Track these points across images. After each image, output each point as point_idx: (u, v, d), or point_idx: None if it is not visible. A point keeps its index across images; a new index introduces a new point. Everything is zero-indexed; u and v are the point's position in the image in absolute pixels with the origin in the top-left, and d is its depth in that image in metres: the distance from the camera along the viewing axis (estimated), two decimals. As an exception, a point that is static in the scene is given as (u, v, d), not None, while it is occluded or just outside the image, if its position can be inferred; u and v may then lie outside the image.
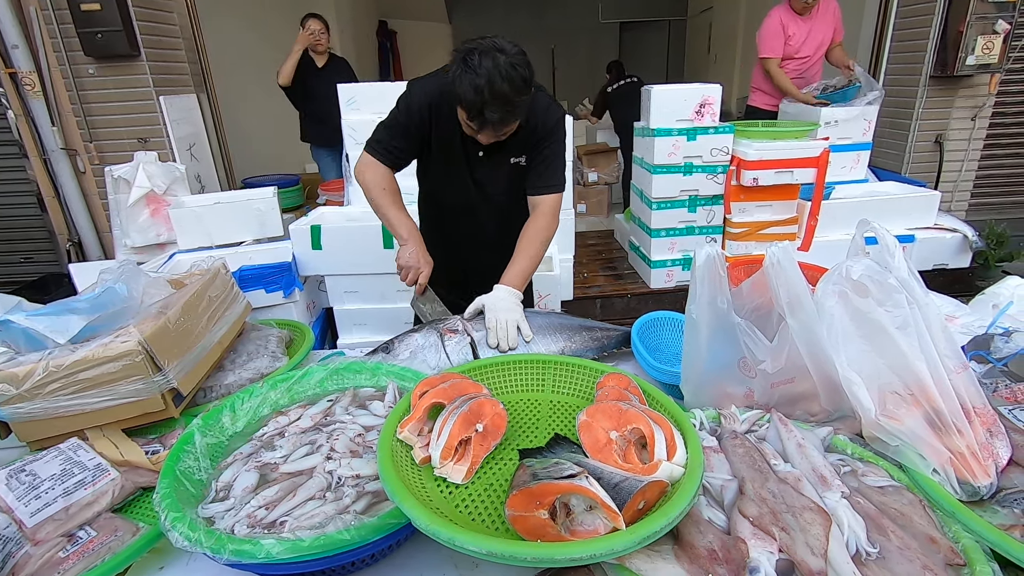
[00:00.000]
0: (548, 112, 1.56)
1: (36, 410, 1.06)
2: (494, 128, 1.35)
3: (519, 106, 1.32)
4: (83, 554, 0.86)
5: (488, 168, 1.60)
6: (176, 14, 3.71)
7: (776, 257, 0.97)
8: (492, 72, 1.26)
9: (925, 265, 3.29)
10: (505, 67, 1.27)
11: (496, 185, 1.63)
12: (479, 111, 1.30)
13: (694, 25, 9.21)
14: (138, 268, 1.36)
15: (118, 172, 3.04)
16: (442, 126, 1.54)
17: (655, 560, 0.72)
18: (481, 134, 1.41)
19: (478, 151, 1.57)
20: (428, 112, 1.52)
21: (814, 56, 3.71)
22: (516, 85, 1.28)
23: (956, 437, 0.85)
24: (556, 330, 1.47)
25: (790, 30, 3.61)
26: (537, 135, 1.56)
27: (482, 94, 1.26)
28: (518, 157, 1.59)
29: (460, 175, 1.62)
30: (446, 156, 1.60)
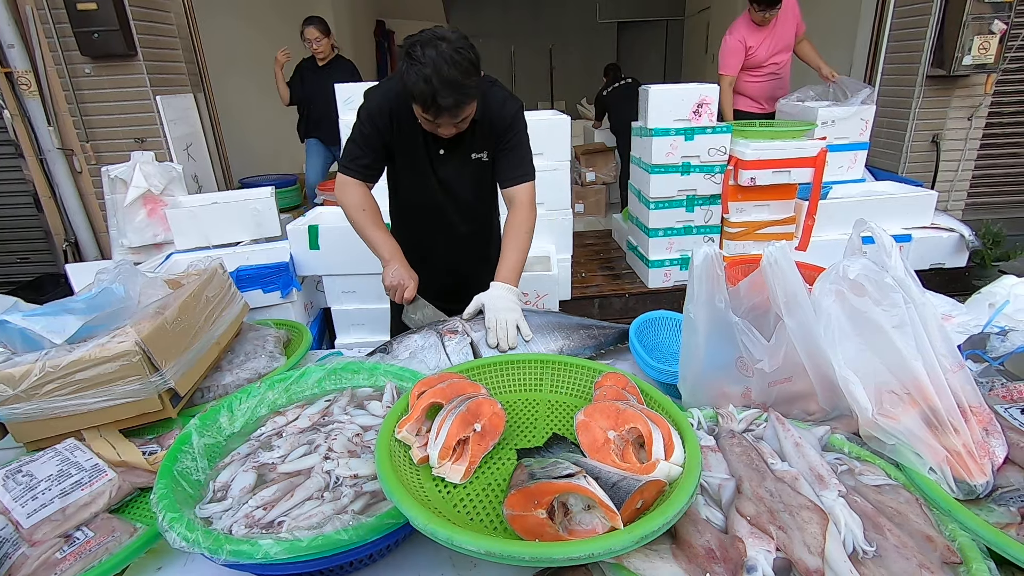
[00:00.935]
0: (505, 106, 1.56)
1: (33, 411, 1.06)
2: (450, 115, 1.34)
3: (470, 88, 1.32)
4: (80, 555, 0.86)
5: (451, 167, 1.61)
6: (173, 13, 3.70)
7: (773, 257, 0.97)
8: (437, 60, 1.27)
9: (922, 264, 3.30)
10: (449, 52, 1.28)
11: (460, 183, 1.64)
12: (432, 100, 1.29)
13: (691, 25, 9.22)
14: (135, 268, 1.35)
15: (115, 172, 3.03)
16: (403, 129, 1.55)
17: (653, 559, 0.72)
18: (440, 126, 1.41)
19: (439, 150, 1.57)
20: (388, 118, 1.53)
21: (783, 59, 3.75)
22: (463, 68, 1.29)
23: (952, 436, 0.86)
24: (554, 329, 1.48)
25: (751, 43, 3.65)
26: (497, 129, 1.57)
27: (431, 83, 1.27)
28: (479, 153, 1.60)
29: (425, 176, 1.62)
30: (410, 159, 1.61)
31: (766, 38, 3.63)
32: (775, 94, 3.84)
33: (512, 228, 1.60)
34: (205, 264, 1.50)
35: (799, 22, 3.68)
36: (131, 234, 3.07)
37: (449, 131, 1.44)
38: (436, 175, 1.62)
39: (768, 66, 3.72)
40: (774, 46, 3.66)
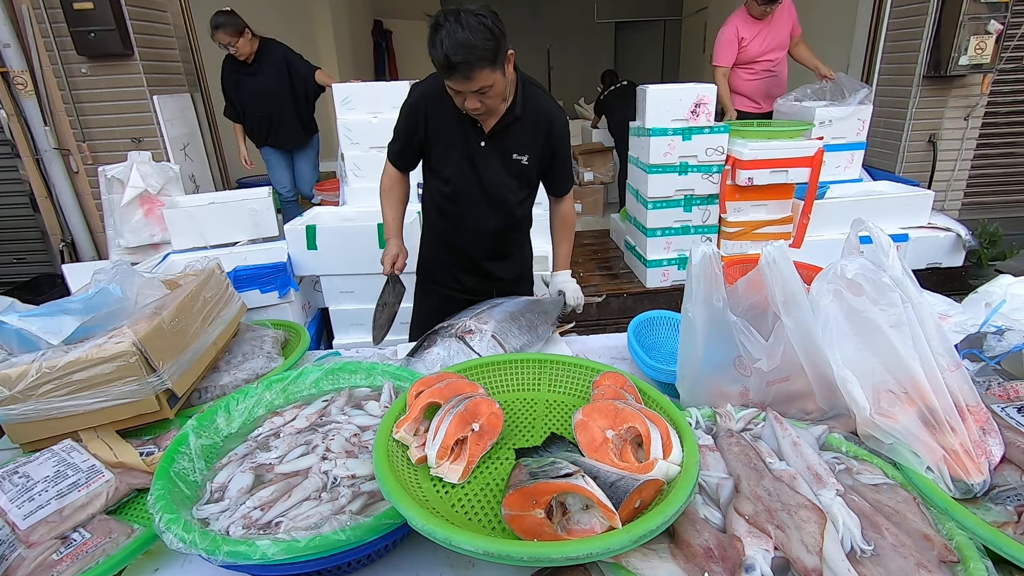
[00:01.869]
0: (555, 117, 1.63)
1: (29, 412, 1.05)
2: (463, 75, 1.36)
3: (482, 50, 1.35)
4: (77, 556, 0.85)
5: (489, 161, 1.64)
6: (170, 13, 3.69)
7: (771, 256, 0.98)
8: (454, 25, 1.33)
9: (919, 264, 3.31)
10: (466, 17, 1.34)
11: (499, 179, 1.67)
12: (445, 60, 1.34)
13: (689, 25, 9.23)
14: (132, 269, 1.35)
15: (112, 172, 3.02)
16: (440, 118, 1.60)
17: (651, 559, 0.72)
18: (461, 95, 1.44)
19: (480, 142, 1.61)
20: (423, 108, 1.61)
21: (778, 57, 3.75)
22: (478, 32, 1.34)
23: (950, 435, 0.86)
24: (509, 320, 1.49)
25: (746, 37, 3.65)
26: (547, 139, 1.64)
27: (443, 44, 1.33)
28: (520, 155, 1.64)
29: (464, 167, 1.66)
30: (447, 149, 1.65)
31: (760, 32, 3.63)
32: (772, 93, 3.84)
33: (559, 223, 1.86)
34: (202, 264, 1.49)
35: (795, 24, 3.69)
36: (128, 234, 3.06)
37: (473, 104, 1.45)
38: (474, 168, 1.66)
39: (762, 62, 3.72)
40: (768, 42, 3.66)
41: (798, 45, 3.77)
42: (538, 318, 1.56)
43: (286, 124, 3.80)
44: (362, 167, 3.17)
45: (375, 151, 3.13)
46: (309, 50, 6.27)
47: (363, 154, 3.15)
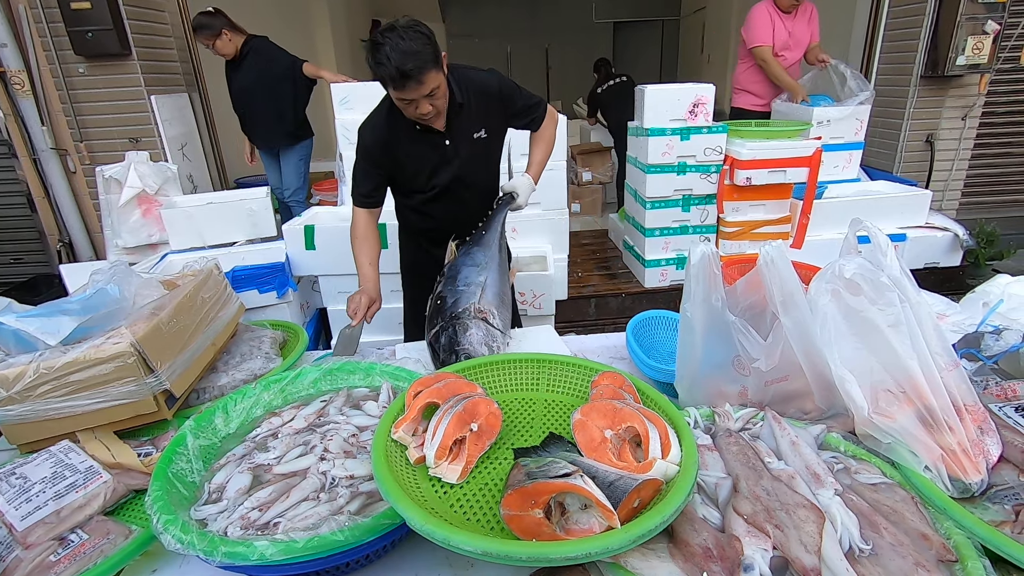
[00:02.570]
0: (487, 82, 1.70)
1: (26, 412, 1.05)
2: (416, 82, 1.42)
3: (427, 55, 1.42)
4: (74, 557, 0.85)
5: (458, 152, 1.70)
6: (167, 12, 3.68)
7: (770, 256, 0.98)
8: (393, 37, 1.40)
9: (916, 263, 3.31)
10: (402, 29, 1.41)
11: (473, 164, 1.75)
12: (397, 72, 1.40)
13: (687, 25, 9.24)
14: (130, 269, 1.35)
15: (109, 172, 3.01)
16: (401, 144, 1.66)
17: (650, 558, 0.72)
18: (417, 105, 1.49)
19: (444, 142, 1.67)
20: (382, 148, 1.67)
21: (794, 56, 3.74)
22: (418, 39, 1.41)
23: (947, 434, 0.86)
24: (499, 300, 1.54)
25: (776, 26, 3.64)
26: (497, 103, 1.72)
27: (391, 58, 1.39)
28: (478, 132, 1.71)
29: (439, 173, 1.72)
30: (420, 165, 1.71)
31: (787, 27, 3.63)
32: (779, 91, 3.83)
33: (538, 135, 1.86)
34: (201, 265, 1.49)
35: (816, 32, 3.70)
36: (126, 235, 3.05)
37: (425, 108, 1.50)
38: (449, 167, 1.71)
39: (777, 59, 3.70)
40: (790, 39, 3.65)
41: (812, 49, 3.76)
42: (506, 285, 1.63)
43: (262, 124, 3.71)
44: (360, 167, 3.16)
45: (373, 151, 3.12)
46: (307, 50, 6.27)
47: (361, 154, 3.14)
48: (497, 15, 9.67)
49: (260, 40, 3.57)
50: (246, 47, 3.51)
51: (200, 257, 1.74)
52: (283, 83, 3.59)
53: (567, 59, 9.99)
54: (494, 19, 9.65)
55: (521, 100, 1.77)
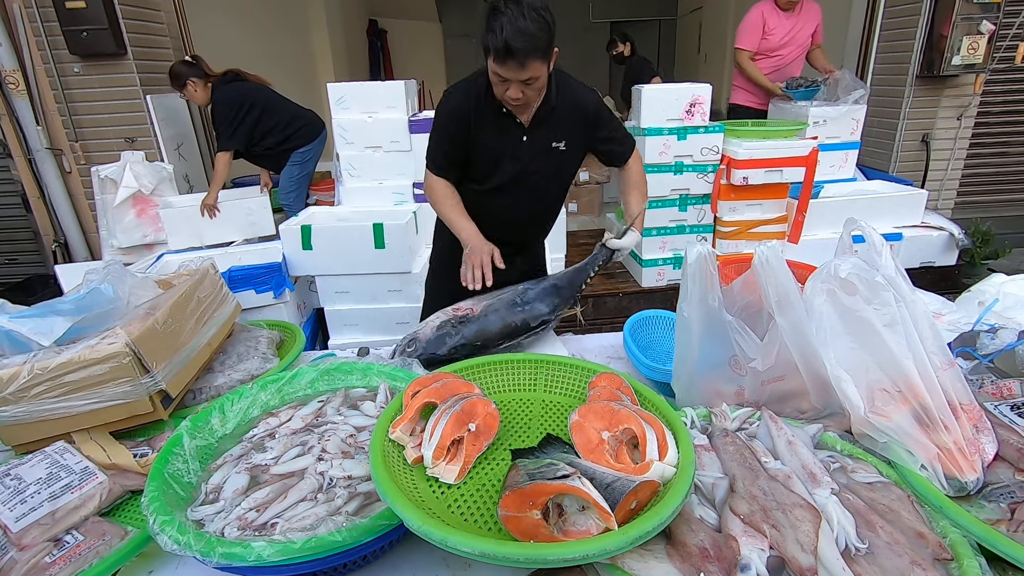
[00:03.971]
0: (587, 98, 1.65)
1: (21, 413, 1.04)
2: (518, 62, 1.37)
3: (540, 40, 1.37)
4: (70, 559, 0.85)
5: (531, 152, 1.65)
6: (163, 12, 3.67)
7: (765, 256, 0.98)
8: (515, 12, 1.34)
9: (912, 263, 3.32)
10: (527, 8, 1.35)
11: (541, 169, 1.69)
12: (504, 45, 1.34)
13: (684, 25, 9.25)
14: (125, 269, 1.34)
15: (105, 172, 3.00)
16: (482, 119, 1.60)
17: (647, 559, 0.72)
18: (509, 85, 1.44)
19: (521, 136, 1.62)
20: (463, 119, 1.60)
21: (793, 55, 3.72)
22: (538, 22, 1.36)
23: (943, 433, 0.86)
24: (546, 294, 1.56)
25: (771, 25, 3.62)
26: (584, 121, 1.65)
27: (504, 29, 1.34)
28: (558, 142, 1.66)
29: (506, 164, 1.67)
30: (492, 149, 1.65)
31: (784, 24, 3.62)
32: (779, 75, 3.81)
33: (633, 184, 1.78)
34: (197, 264, 1.49)
35: (819, 29, 3.68)
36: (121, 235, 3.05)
37: (516, 93, 1.45)
38: (518, 161, 1.66)
39: (776, 56, 3.70)
40: (790, 38, 3.64)
41: (816, 51, 3.75)
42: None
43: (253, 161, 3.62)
44: (357, 167, 3.16)
45: (370, 151, 3.12)
46: (304, 50, 6.28)
47: (358, 154, 3.14)
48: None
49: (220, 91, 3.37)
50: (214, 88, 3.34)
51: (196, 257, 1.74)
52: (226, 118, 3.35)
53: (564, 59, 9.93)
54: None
55: (611, 129, 1.72)
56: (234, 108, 3.33)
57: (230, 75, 3.42)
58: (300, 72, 6.03)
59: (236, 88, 3.40)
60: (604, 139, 1.72)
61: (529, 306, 1.55)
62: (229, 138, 3.31)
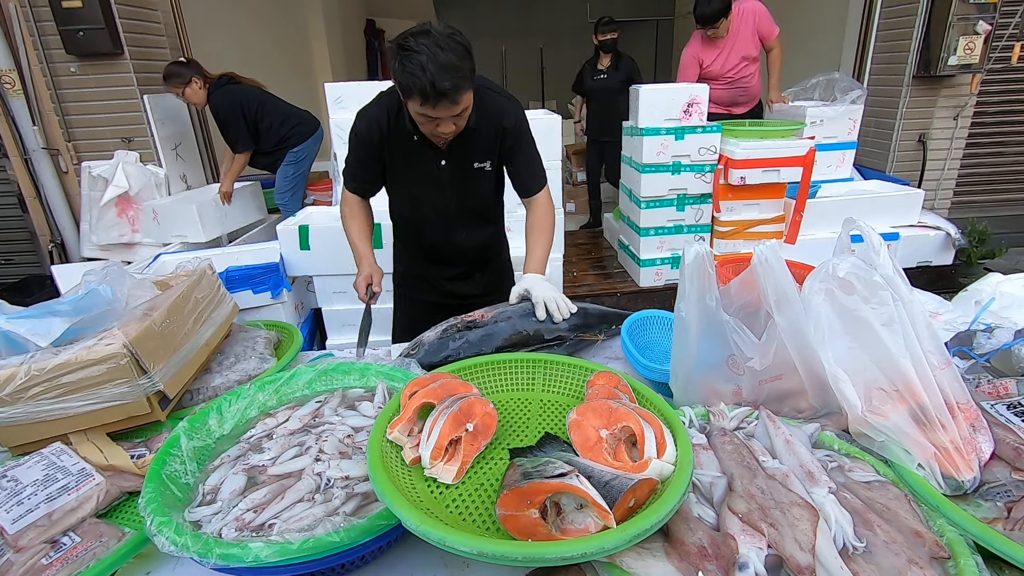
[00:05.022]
0: (506, 113, 1.53)
1: (18, 414, 1.04)
2: (449, 100, 1.28)
3: (466, 72, 1.29)
4: (67, 560, 0.84)
5: (454, 178, 1.59)
6: (160, 11, 3.66)
7: (764, 255, 0.98)
8: (431, 46, 1.24)
9: (909, 262, 3.34)
10: (442, 38, 1.26)
11: (465, 194, 1.63)
12: (431, 86, 1.25)
13: (681, 25, 9.26)
14: (123, 269, 1.34)
15: (97, 170, 3.00)
16: (400, 146, 1.55)
17: (645, 558, 0.72)
18: (440, 123, 1.37)
19: (440, 161, 1.55)
20: (379, 137, 1.54)
21: (739, 70, 3.67)
22: (458, 52, 1.27)
23: (940, 432, 0.87)
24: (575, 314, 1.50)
25: (706, 60, 3.63)
26: (501, 138, 1.55)
27: (427, 69, 1.24)
28: (481, 163, 1.58)
29: (426, 188, 1.61)
30: (410, 174, 1.60)
31: (720, 53, 3.60)
32: (738, 100, 3.82)
33: (535, 228, 1.65)
34: (194, 265, 1.48)
35: (766, 30, 3.57)
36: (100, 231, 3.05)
37: (448, 128, 1.39)
38: (439, 186, 1.60)
39: (723, 80, 3.69)
40: (730, 60, 3.61)
41: (772, 50, 3.67)
42: None
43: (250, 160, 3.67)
44: (355, 167, 3.16)
45: (368, 151, 3.12)
46: (302, 50, 6.27)
47: (356, 154, 3.13)
48: (492, 15, 9.66)
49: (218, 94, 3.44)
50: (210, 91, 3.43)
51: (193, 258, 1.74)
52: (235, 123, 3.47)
53: (561, 59, 9.98)
54: (489, 19, 9.64)
55: (526, 153, 1.60)
56: (236, 112, 3.43)
57: (225, 78, 3.47)
58: (298, 72, 6.03)
59: (232, 92, 3.45)
60: (514, 159, 1.60)
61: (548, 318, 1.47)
62: (246, 142, 3.50)
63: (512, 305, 1.51)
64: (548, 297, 1.46)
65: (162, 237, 3.20)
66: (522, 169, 1.63)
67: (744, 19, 3.54)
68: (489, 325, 1.44)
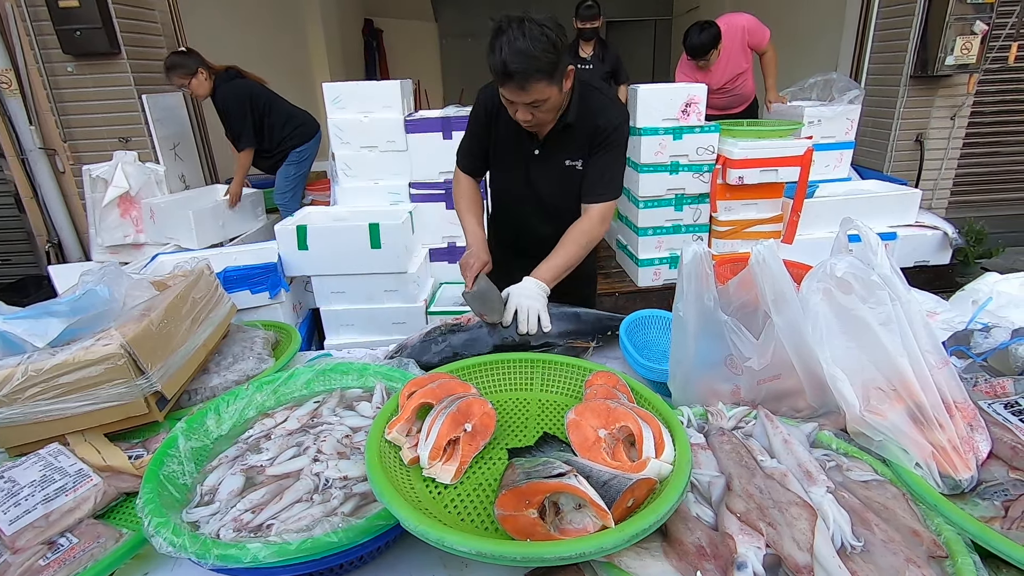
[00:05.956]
0: (604, 113, 1.53)
1: (15, 415, 1.04)
2: (518, 84, 1.32)
3: (541, 62, 1.30)
4: (64, 562, 0.84)
5: (542, 168, 1.62)
6: (157, 11, 3.65)
7: (762, 255, 0.98)
8: (516, 32, 1.29)
9: (907, 262, 3.34)
10: (530, 27, 1.29)
11: (549, 186, 1.63)
12: (502, 66, 1.30)
13: (680, 25, 9.26)
14: (120, 270, 1.34)
15: (96, 172, 2.99)
16: (502, 125, 1.59)
17: (644, 557, 0.72)
18: (515, 107, 1.40)
19: (534, 150, 1.60)
20: (487, 113, 1.60)
21: (733, 81, 3.66)
22: (540, 42, 1.29)
23: (938, 431, 0.87)
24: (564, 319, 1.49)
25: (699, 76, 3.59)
26: (595, 139, 1.55)
27: (503, 50, 1.29)
28: (573, 160, 1.58)
29: (516, 174, 1.66)
30: (505, 154, 1.65)
31: (712, 74, 3.59)
32: (731, 105, 3.83)
33: (572, 234, 1.57)
34: (191, 265, 1.48)
35: (756, 39, 3.54)
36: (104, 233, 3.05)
37: (525, 115, 1.41)
38: (527, 175, 1.64)
39: (719, 93, 3.68)
40: (722, 75, 3.61)
41: (765, 55, 3.65)
42: None
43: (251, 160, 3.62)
44: (353, 166, 3.16)
45: (365, 150, 3.12)
46: (300, 49, 6.26)
47: (354, 153, 3.13)
48: (490, 14, 9.66)
49: (225, 88, 3.41)
50: (215, 91, 3.38)
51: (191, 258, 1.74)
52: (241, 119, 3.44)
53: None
54: (487, 19, 9.64)
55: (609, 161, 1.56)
56: (245, 106, 3.40)
57: (232, 71, 3.45)
58: (296, 71, 6.02)
59: (241, 86, 3.44)
60: (595, 160, 1.56)
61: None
62: (249, 138, 3.45)
63: None
64: (523, 305, 1.40)
65: (158, 237, 3.19)
66: (599, 172, 1.58)
67: (733, 37, 3.51)
68: (474, 329, 1.44)
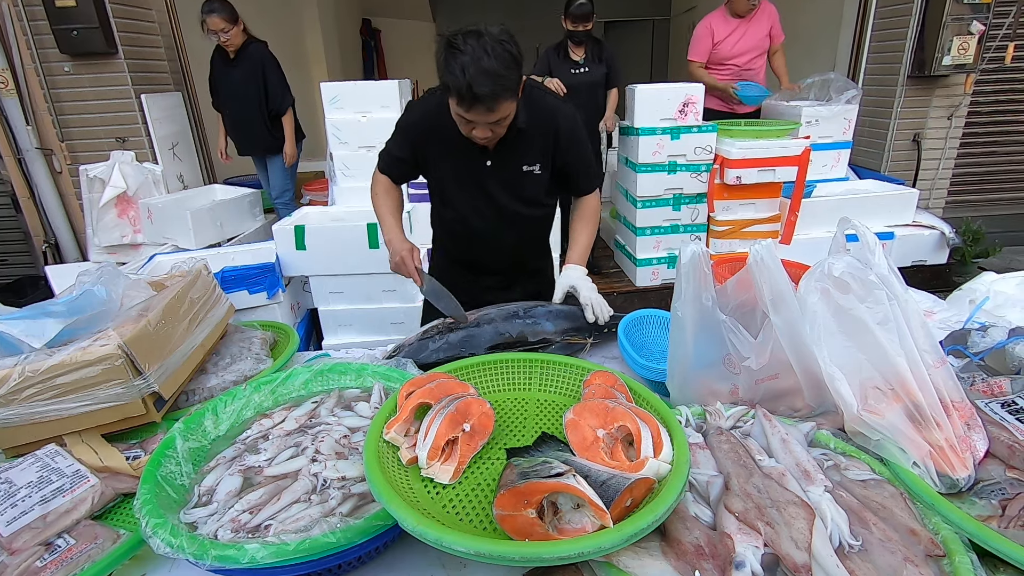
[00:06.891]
0: (559, 114, 1.50)
1: (12, 416, 1.03)
2: (485, 107, 1.25)
3: (508, 81, 1.25)
4: (62, 563, 0.84)
5: (497, 178, 1.54)
6: (155, 11, 3.64)
7: (760, 255, 0.98)
8: (477, 49, 1.22)
9: (904, 262, 3.35)
10: (490, 43, 1.23)
11: (509, 195, 1.57)
12: (468, 89, 1.22)
13: (677, 25, 9.27)
14: (117, 270, 1.33)
15: (94, 172, 2.99)
16: (442, 141, 1.50)
17: (642, 557, 0.72)
18: (475, 126, 1.34)
19: (486, 161, 1.51)
20: (422, 131, 1.52)
21: (749, 61, 3.68)
22: (503, 59, 1.23)
23: (935, 430, 0.87)
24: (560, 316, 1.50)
25: (720, 34, 3.63)
26: (559, 141, 1.51)
27: (467, 71, 1.21)
28: (531, 166, 1.53)
29: (470, 193, 1.57)
30: (455, 170, 1.56)
31: (735, 31, 3.61)
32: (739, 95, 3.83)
33: (582, 215, 1.68)
34: (189, 265, 1.48)
35: (775, 28, 3.64)
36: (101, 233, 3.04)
37: (484, 133, 1.35)
38: (483, 189, 1.55)
39: (732, 65, 3.68)
40: (743, 44, 3.63)
41: (777, 52, 3.73)
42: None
43: (247, 129, 3.67)
44: (351, 167, 3.16)
45: (364, 150, 3.12)
46: (298, 49, 6.25)
47: (352, 153, 3.13)
48: (487, 15, 9.66)
49: (259, 45, 3.52)
50: (245, 48, 3.46)
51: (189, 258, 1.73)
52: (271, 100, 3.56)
53: (558, 57, 9.99)
54: (485, 19, 9.64)
55: (581, 156, 1.56)
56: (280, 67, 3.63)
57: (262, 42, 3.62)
58: (294, 71, 5.97)
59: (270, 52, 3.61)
60: (570, 163, 1.55)
61: (532, 320, 1.46)
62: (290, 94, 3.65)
63: (496, 308, 1.51)
64: (596, 300, 1.48)
65: (156, 237, 3.19)
66: (579, 171, 1.60)
67: (765, 12, 3.62)
68: (471, 327, 1.44)
